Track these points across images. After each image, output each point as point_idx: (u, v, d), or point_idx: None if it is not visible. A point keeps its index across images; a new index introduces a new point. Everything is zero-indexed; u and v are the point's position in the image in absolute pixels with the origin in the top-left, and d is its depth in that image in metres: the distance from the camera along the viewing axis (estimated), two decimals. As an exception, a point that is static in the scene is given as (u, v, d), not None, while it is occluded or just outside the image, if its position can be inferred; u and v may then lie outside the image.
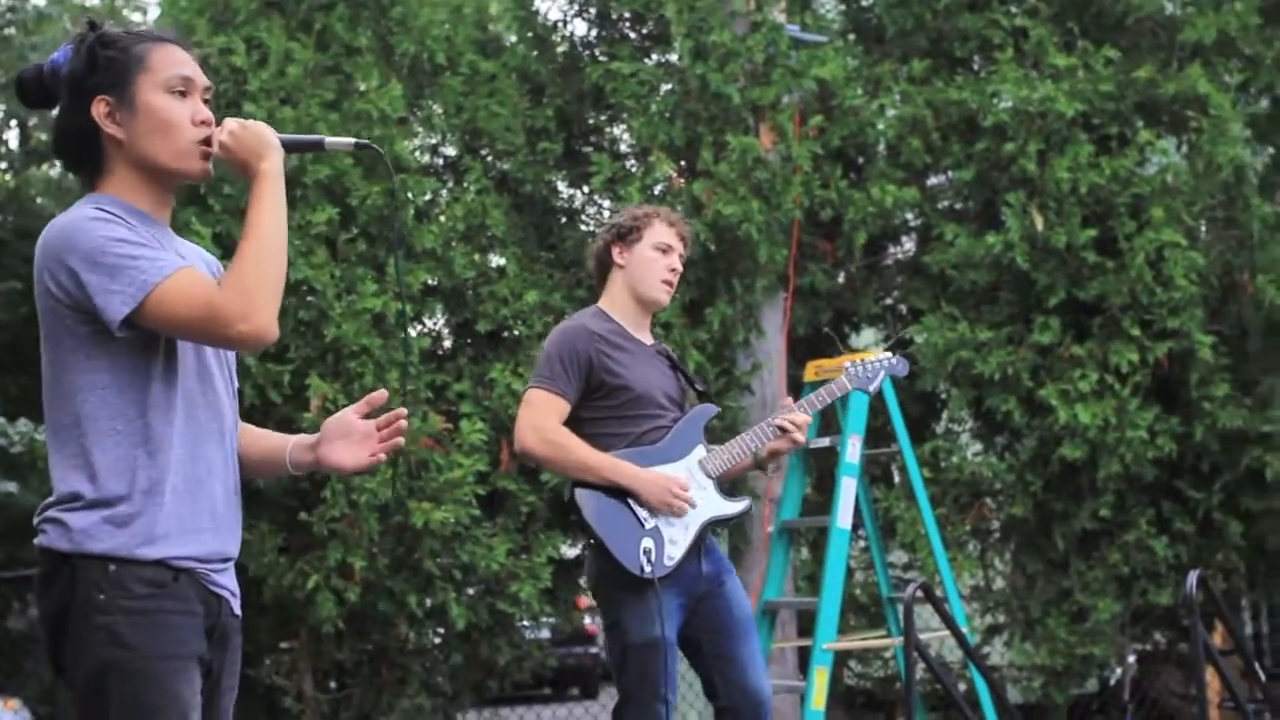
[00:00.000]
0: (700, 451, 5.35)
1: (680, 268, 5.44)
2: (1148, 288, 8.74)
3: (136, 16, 20.04)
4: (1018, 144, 9.02)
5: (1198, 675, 6.63)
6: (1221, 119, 8.94)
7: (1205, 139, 8.97)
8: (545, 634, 11.72)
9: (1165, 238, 8.76)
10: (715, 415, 5.46)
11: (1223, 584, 9.11)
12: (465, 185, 9.35)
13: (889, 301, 10.02)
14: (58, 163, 17.79)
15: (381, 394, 3.39)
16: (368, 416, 3.44)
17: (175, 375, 3.11)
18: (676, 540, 5.20)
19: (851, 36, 10.15)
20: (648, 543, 5.16)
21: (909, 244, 10.20)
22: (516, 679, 9.46)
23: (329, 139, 3.37)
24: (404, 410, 3.43)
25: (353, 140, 3.39)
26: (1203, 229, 9.19)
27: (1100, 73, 9.09)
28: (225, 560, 3.19)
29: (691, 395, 5.52)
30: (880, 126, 9.50)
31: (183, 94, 3.18)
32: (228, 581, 3.20)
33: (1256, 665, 7.14)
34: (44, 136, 18.37)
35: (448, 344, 9.57)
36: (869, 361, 6.21)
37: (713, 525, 5.33)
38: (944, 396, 9.62)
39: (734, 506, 5.38)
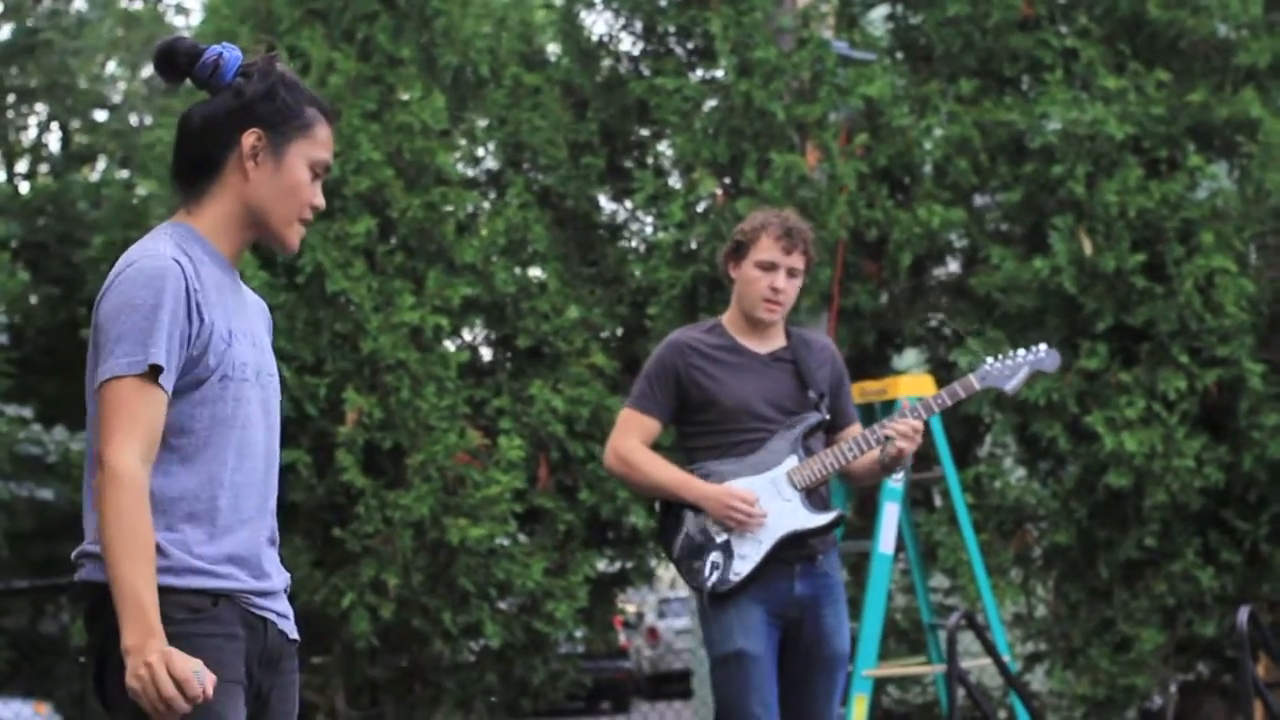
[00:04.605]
0: (791, 462, 5.13)
1: (786, 286, 5.14)
2: (1197, 314, 8.62)
3: (180, 21, 20.08)
4: (1066, 166, 8.91)
5: (1245, 710, 6.53)
6: (1272, 144, 8.81)
7: (1255, 164, 8.85)
8: (579, 649, 11.63)
9: (1215, 264, 8.63)
10: (816, 425, 5.19)
11: (1269, 615, 8.97)
12: (507, 199, 9.28)
13: (933, 323, 9.90)
14: (98, 167, 17.80)
15: None
16: None
17: (208, 402, 3.03)
18: (747, 555, 5.07)
19: (899, 55, 10.03)
20: (716, 557, 5.08)
21: (954, 265, 10.08)
22: (551, 698, 9.39)
23: None
24: None
25: None
26: (1253, 255, 9.06)
27: (1151, 95, 8.97)
28: (270, 587, 3.11)
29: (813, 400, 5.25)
30: (927, 146, 9.38)
31: (316, 176, 3.18)
32: (273, 605, 3.12)
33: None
34: (85, 140, 18.38)
35: (487, 358, 9.50)
36: (1010, 356, 5.45)
37: (796, 539, 5.11)
38: (988, 421, 9.50)
39: (819, 519, 5.13)
